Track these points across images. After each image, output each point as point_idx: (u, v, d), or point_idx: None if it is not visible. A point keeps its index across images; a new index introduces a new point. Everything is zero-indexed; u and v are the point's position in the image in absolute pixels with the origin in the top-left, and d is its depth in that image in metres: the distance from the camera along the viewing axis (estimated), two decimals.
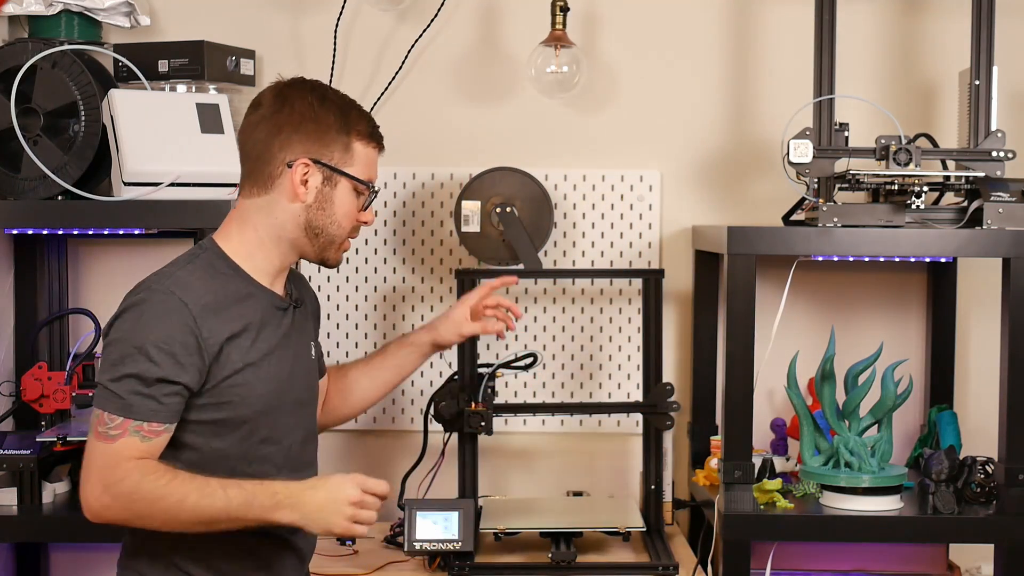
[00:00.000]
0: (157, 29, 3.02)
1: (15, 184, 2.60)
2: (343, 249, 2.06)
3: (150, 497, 1.82)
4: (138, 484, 1.82)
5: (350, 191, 2.01)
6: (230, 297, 1.95)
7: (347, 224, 2.03)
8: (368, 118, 2.05)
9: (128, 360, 1.85)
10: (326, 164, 1.98)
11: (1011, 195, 2.56)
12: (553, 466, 3.09)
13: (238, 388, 1.93)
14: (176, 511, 1.82)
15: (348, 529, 1.87)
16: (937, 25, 3.04)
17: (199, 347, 1.87)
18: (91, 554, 3.04)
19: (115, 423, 1.84)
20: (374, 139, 2.04)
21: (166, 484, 1.82)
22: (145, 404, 1.84)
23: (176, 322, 1.86)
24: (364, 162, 2.02)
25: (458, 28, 3.07)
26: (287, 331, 2.04)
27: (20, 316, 2.95)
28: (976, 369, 3.06)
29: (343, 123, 2.00)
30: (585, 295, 3.08)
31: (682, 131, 3.07)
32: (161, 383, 1.85)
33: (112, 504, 1.83)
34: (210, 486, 1.84)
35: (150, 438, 1.85)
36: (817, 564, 2.77)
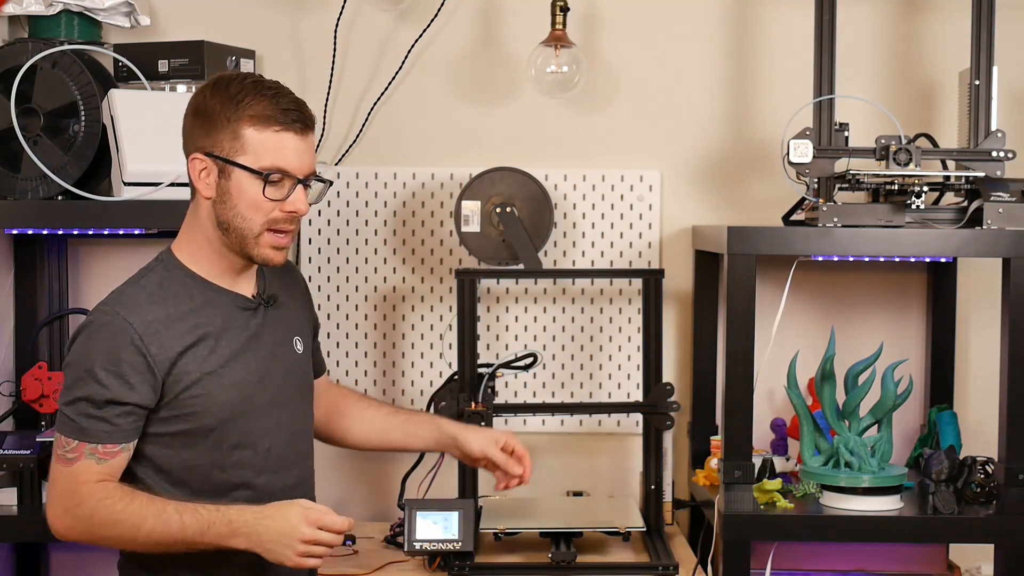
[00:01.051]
0: (157, 29, 3.02)
1: (15, 184, 2.60)
2: (269, 245, 1.92)
3: (107, 521, 1.83)
4: (94, 509, 1.83)
5: (248, 180, 1.88)
6: (182, 308, 1.91)
7: (255, 216, 1.89)
8: (270, 100, 1.89)
9: (79, 383, 1.85)
10: (216, 155, 1.89)
11: (1011, 195, 2.56)
12: (553, 466, 3.09)
13: (198, 399, 1.90)
14: (133, 535, 1.83)
15: (298, 563, 1.85)
16: (937, 25, 3.04)
17: (148, 365, 1.86)
18: (91, 554, 3.04)
19: (71, 446, 1.85)
20: (275, 122, 1.88)
21: (123, 509, 1.83)
22: (98, 427, 1.84)
23: (121, 343, 1.85)
24: (261, 147, 1.87)
25: (458, 28, 3.07)
26: (256, 331, 1.98)
27: (20, 316, 2.95)
28: (976, 369, 3.06)
29: (231, 110, 1.88)
30: (585, 295, 3.08)
31: (682, 131, 3.07)
32: (111, 404, 1.84)
33: (73, 525, 1.86)
34: (167, 512, 1.83)
35: (106, 459, 1.85)
36: (817, 564, 2.77)
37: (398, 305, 3.08)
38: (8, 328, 2.94)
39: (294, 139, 1.90)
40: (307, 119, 1.93)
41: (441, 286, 3.08)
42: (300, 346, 2.08)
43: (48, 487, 1.90)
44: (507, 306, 3.09)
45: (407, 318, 3.09)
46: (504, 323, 3.08)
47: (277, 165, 1.89)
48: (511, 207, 2.85)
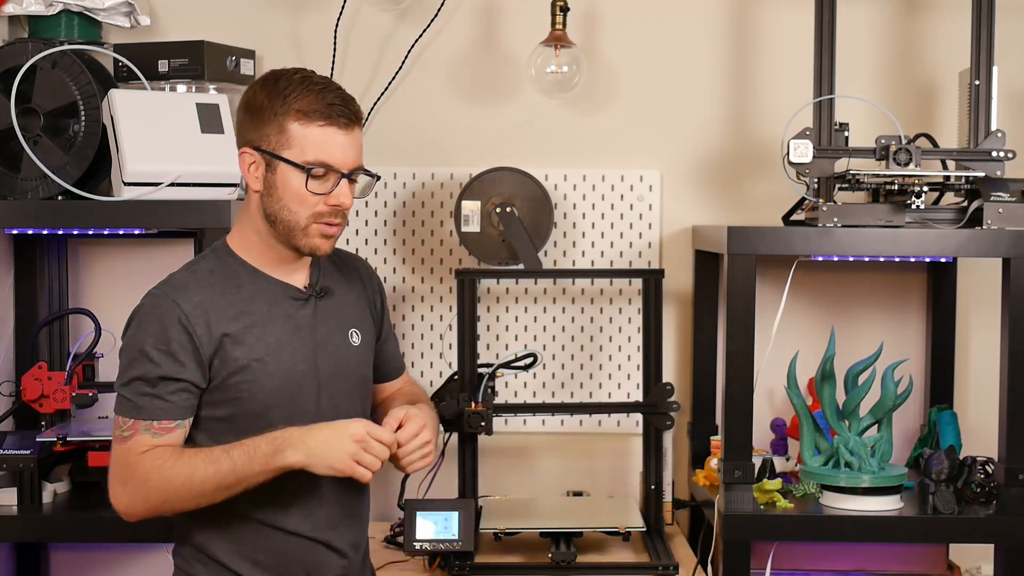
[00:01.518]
0: (157, 29, 3.02)
1: (15, 184, 2.60)
2: (318, 235, 1.96)
3: (161, 481, 1.87)
4: (147, 474, 1.87)
5: (293, 174, 1.93)
6: (231, 295, 1.96)
7: (301, 209, 1.94)
8: (317, 95, 1.94)
9: (133, 364, 1.91)
10: (264, 150, 1.94)
11: (1011, 195, 2.56)
12: (553, 466, 3.09)
13: (245, 384, 1.94)
14: (188, 487, 1.86)
15: (351, 468, 1.86)
16: (937, 25, 3.04)
17: (195, 345, 1.91)
18: (91, 554, 3.05)
19: (127, 425, 1.91)
20: (320, 117, 1.92)
21: (172, 465, 1.86)
22: (153, 404, 1.89)
23: (169, 322, 1.91)
24: (304, 142, 1.92)
25: (458, 28, 3.07)
26: (305, 322, 2.02)
27: (20, 316, 2.94)
28: (976, 369, 3.06)
29: (279, 105, 1.93)
30: (585, 295, 3.08)
31: (682, 131, 3.07)
32: (164, 381, 1.89)
33: (133, 498, 1.89)
34: (214, 454, 1.87)
35: (161, 434, 1.90)
36: (817, 564, 2.77)
37: (398, 305, 3.08)
38: (8, 328, 2.94)
39: (338, 134, 1.94)
40: (352, 114, 1.96)
41: (441, 286, 3.08)
42: (357, 339, 2.10)
43: (108, 471, 1.94)
44: (507, 306, 3.09)
45: (407, 318, 3.09)
46: (504, 323, 3.08)
47: (321, 159, 1.93)
48: (511, 207, 2.85)
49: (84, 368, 2.79)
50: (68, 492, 2.67)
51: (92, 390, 2.77)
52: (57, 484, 2.65)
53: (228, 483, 1.87)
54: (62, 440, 2.58)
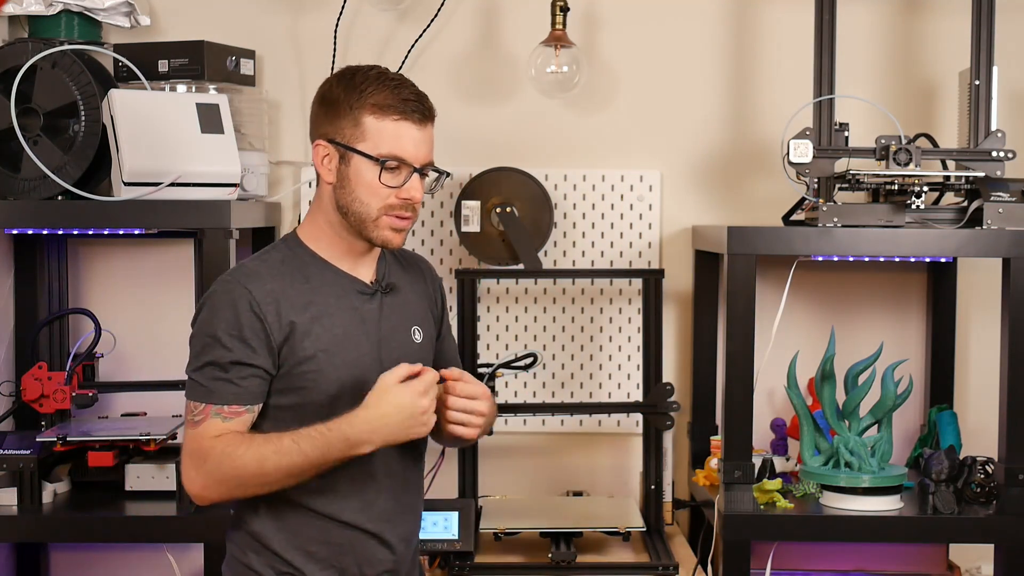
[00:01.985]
0: (157, 29, 3.02)
1: (15, 184, 2.60)
2: (388, 227, 1.99)
3: (233, 467, 1.89)
4: (220, 459, 1.89)
5: (366, 166, 1.97)
6: (300, 285, 1.98)
7: (372, 201, 1.97)
8: (391, 90, 1.96)
9: (206, 350, 1.93)
10: (338, 142, 1.98)
11: (1011, 195, 2.56)
12: (553, 466, 3.09)
13: (311, 374, 1.96)
14: (259, 474, 1.88)
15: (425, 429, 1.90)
16: (937, 25, 3.04)
17: (265, 331, 1.93)
18: (91, 554, 3.05)
19: (199, 409, 1.93)
20: (394, 111, 1.95)
21: (244, 452, 1.88)
22: (224, 388, 1.92)
23: (242, 308, 1.92)
24: (379, 136, 1.95)
25: (458, 28, 3.07)
26: (371, 316, 2.04)
27: (20, 316, 2.94)
28: (976, 369, 3.06)
29: (354, 99, 1.96)
30: (585, 295, 3.08)
31: (682, 131, 3.07)
32: (236, 366, 1.91)
33: (207, 482, 1.91)
34: (283, 444, 1.88)
35: (231, 419, 1.92)
36: (817, 564, 2.77)
37: None
38: (8, 328, 2.94)
39: (412, 128, 1.97)
40: (426, 110, 2.00)
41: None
42: (419, 336, 2.10)
43: (181, 456, 1.95)
44: (507, 306, 3.09)
45: None
46: (504, 323, 3.08)
47: (394, 153, 1.96)
48: (511, 207, 2.85)
49: (84, 368, 2.80)
50: (68, 492, 2.68)
51: (92, 390, 2.77)
52: (57, 484, 2.65)
53: (301, 472, 1.89)
54: (62, 440, 2.58)
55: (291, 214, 3.08)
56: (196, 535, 2.51)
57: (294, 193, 3.08)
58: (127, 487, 2.63)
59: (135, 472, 2.63)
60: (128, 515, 2.55)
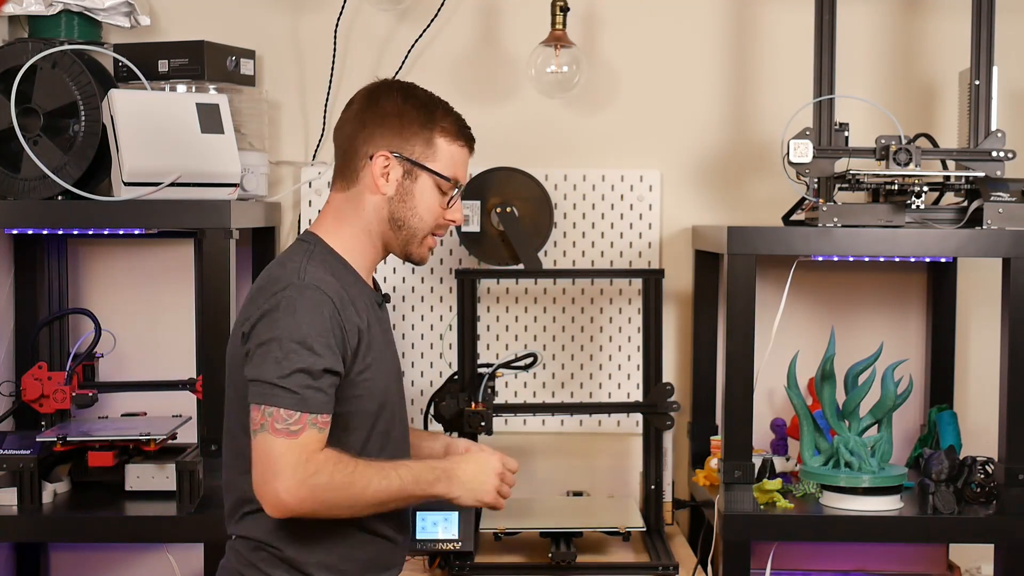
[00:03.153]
0: (157, 29, 3.02)
1: (15, 184, 2.60)
2: (428, 246, 2.08)
3: (340, 486, 1.88)
4: (331, 475, 1.87)
5: (431, 186, 2.04)
6: (350, 291, 1.99)
7: (429, 218, 2.05)
8: (455, 117, 2.08)
9: (293, 356, 1.87)
10: (407, 158, 2.02)
11: (1011, 195, 2.56)
12: (553, 466, 3.09)
13: (366, 382, 1.98)
14: (359, 497, 1.90)
15: (496, 500, 2.00)
16: (937, 25, 3.04)
17: (344, 339, 1.93)
18: (91, 554, 3.05)
19: (294, 418, 1.87)
20: (461, 137, 2.07)
21: (352, 472, 1.89)
22: (316, 397, 1.89)
23: (327, 314, 1.91)
24: (448, 159, 2.05)
25: (458, 28, 3.07)
26: (386, 326, 2.11)
27: (20, 316, 2.94)
28: (976, 369, 3.06)
29: (427, 119, 2.04)
30: (585, 295, 3.08)
31: (682, 131, 3.07)
32: (326, 374, 1.90)
33: (307, 497, 1.86)
34: (384, 469, 1.92)
35: (324, 429, 1.91)
36: (817, 564, 2.77)
37: (398, 305, 3.08)
38: (8, 328, 2.94)
39: (467, 157, 2.10)
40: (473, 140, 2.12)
41: (441, 286, 3.08)
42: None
43: (266, 462, 1.86)
44: (507, 306, 3.09)
45: (407, 318, 3.09)
46: (504, 323, 3.08)
47: (456, 177, 2.07)
48: (511, 207, 2.85)
49: (84, 368, 2.80)
50: (68, 492, 2.67)
51: (92, 390, 2.77)
52: (57, 484, 2.65)
53: (392, 500, 1.93)
54: (62, 440, 2.58)
55: (291, 214, 3.08)
56: (196, 535, 2.50)
57: (294, 193, 3.08)
58: (127, 487, 2.63)
59: (135, 472, 2.63)
60: (128, 515, 2.55)
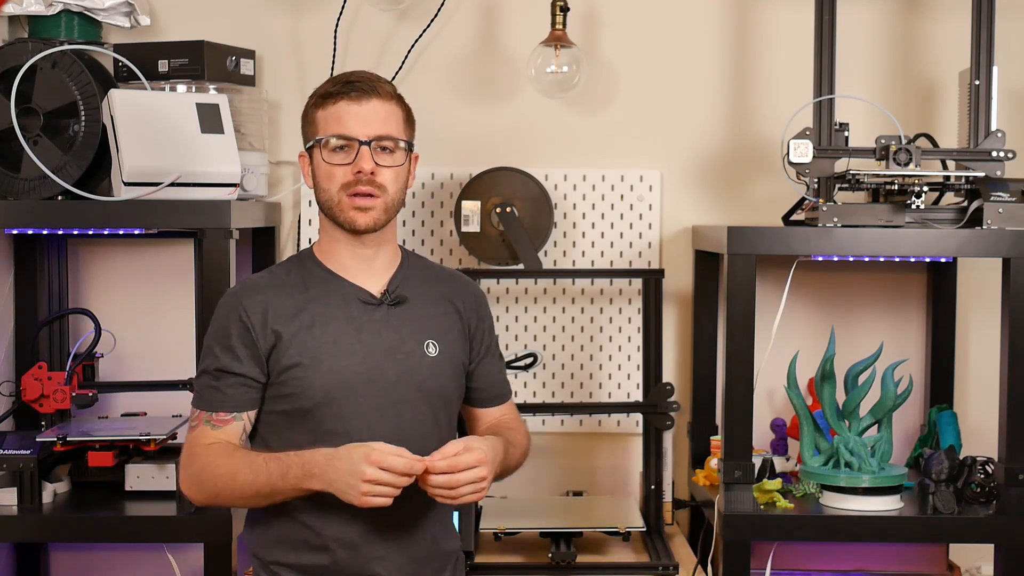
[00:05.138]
0: (157, 29, 3.02)
1: (15, 184, 2.60)
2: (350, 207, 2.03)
3: (212, 475, 1.96)
4: (203, 466, 1.98)
5: (319, 155, 2.05)
6: (299, 295, 2.05)
7: (329, 184, 2.04)
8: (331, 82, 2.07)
9: (202, 359, 2.06)
10: (306, 147, 2.09)
11: (1011, 195, 2.56)
12: (553, 466, 3.09)
13: (295, 381, 2.01)
14: (232, 486, 1.95)
15: (363, 503, 1.88)
16: (937, 25, 3.04)
17: (253, 340, 2.01)
18: (91, 554, 3.05)
19: (194, 415, 2.05)
20: (330, 96, 2.04)
21: (223, 463, 1.96)
22: (212, 396, 2.01)
23: (232, 318, 2.03)
24: (325, 123, 2.04)
25: (458, 28, 3.07)
26: (373, 327, 2.05)
27: (20, 316, 2.94)
28: (976, 369, 3.06)
29: (309, 103, 2.09)
30: (585, 295, 3.08)
31: (682, 131, 3.07)
32: (223, 374, 2.01)
33: (191, 485, 2.01)
34: (256, 462, 1.95)
35: (220, 426, 2.01)
36: (817, 564, 2.77)
37: None
38: (8, 328, 2.94)
39: (349, 105, 2.03)
40: (367, 87, 2.05)
41: None
42: (434, 350, 2.09)
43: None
44: (507, 306, 3.09)
45: None
46: (504, 323, 3.08)
47: (336, 131, 2.03)
48: (511, 207, 2.85)
49: (84, 368, 2.80)
50: (68, 492, 2.67)
51: (92, 390, 2.77)
52: (57, 484, 2.65)
53: (264, 493, 1.95)
54: (62, 440, 2.57)
55: (291, 214, 3.08)
56: (196, 535, 2.50)
57: (294, 193, 3.08)
58: (127, 487, 2.63)
59: (135, 472, 2.63)
60: (128, 515, 2.54)
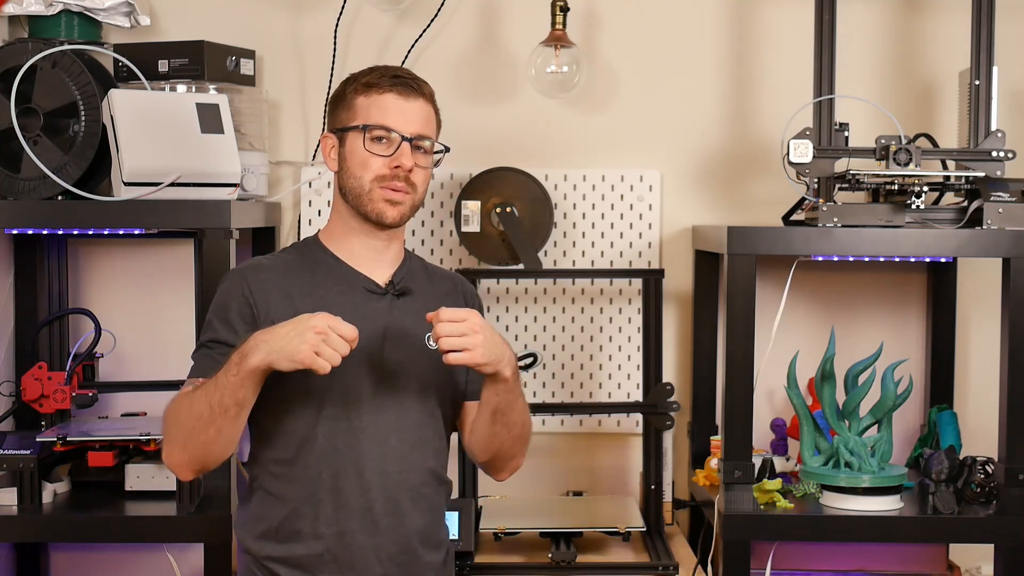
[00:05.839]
0: (157, 29, 3.02)
1: (15, 184, 2.60)
2: (381, 199, 2.04)
3: (174, 421, 1.95)
4: (172, 417, 1.96)
5: (357, 142, 2.05)
6: (303, 279, 2.05)
7: (363, 173, 2.04)
8: (378, 72, 2.08)
9: (201, 334, 2.07)
10: (335, 129, 2.09)
11: (1011, 195, 2.56)
12: (553, 466, 3.09)
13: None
14: (188, 415, 1.92)
15: (311, 359, 1.82)
16: (937, 25, 3.04)
17: (253, 315, 2.02)
18: (91, 554, 3.05)
19: (186, 383, 2.03)
20: (380, 87, 2.06)
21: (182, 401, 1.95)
22: (204, 363, 2.01)
23: (234, 293, 2.04)
24: (367, 111, 2.05)
25: (458, 28, 3.07)
26: (377, 315, 2.05)
27: (20, 316, 2.94)
28: (976, 369, 3.06)
29: (345, 86, 2.10)
30: (585, 295, 3.08)
31: (682, 131, 3.07)
32: (217, 344, 2.02)
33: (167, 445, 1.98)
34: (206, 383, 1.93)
35: None
36: (817, 564, 2.77)
37: None
38: (8, 328, 2.94)
39: (395, 99, 2.06)
40: (415, 84, 2.10)
41: None
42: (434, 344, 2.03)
43: None
44: (507, 306, 3.09)
45: None
46: (504, 323, 3.08)
47: (380, 122, 2.04)
48: (511, 207, 2.85)
49: (84, 368, 2.80)
50: (68, 492, 2.67)
51: (92, 390, 2.78)
52: (57, 484, 2.65)
53: (215, 402, 1.88)
54: (62, 440, 2.58)
55: (291, 214, 3.08)
56: (196, 535, 2.50)
57: (294, 193, 3.08)
58: (127, 487, 2.63)
59: (135, 472, 2.63)
60: (128, 515, 2.54)
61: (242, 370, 1.86)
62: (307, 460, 2.01)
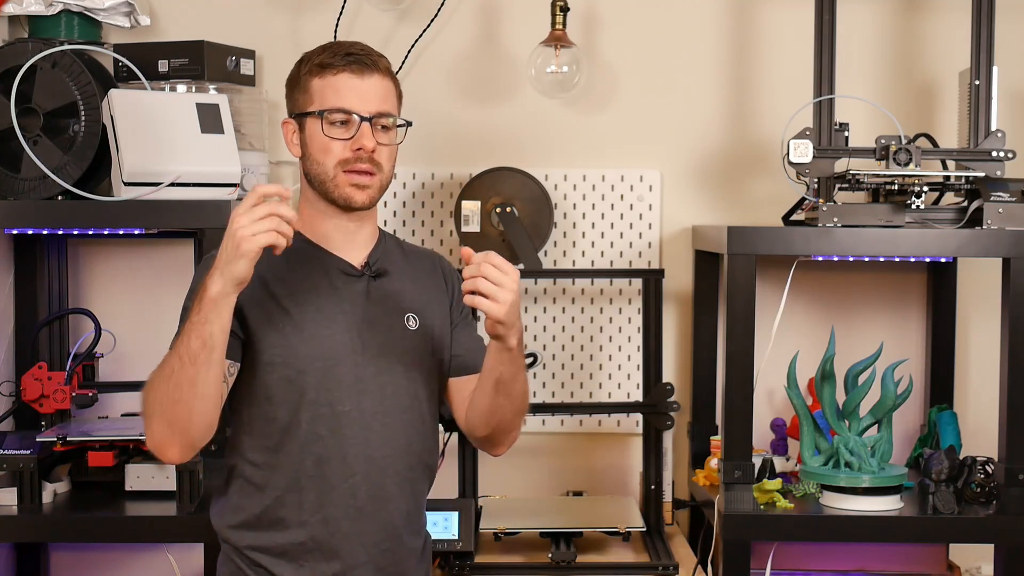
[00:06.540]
0: (157, 29, 3.02)
1: (15, 184, 2.60)
2: (347, 183, 1.99)
3: (148, 386, 1.88)
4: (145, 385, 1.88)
5: (315, 126, 2.00)
6: (280, 262, 1.97)
7: (325, 158, 1.99)
8: (331, 51, 2.01)
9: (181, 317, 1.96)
10: (294, 115, 2.04)
11: (1011, 195, 2.56)
12: (553, 466, 3.09)
13: (278, 348, 1.96)
14: (159, 380, 1.85)
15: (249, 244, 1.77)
16: (937, 25, 3.04)
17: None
18: (91, 554, 3.05)
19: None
20: (330, 66, 1.99)
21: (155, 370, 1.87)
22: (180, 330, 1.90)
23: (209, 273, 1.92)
24: (323, 94, 1.99)
25: (458, 28, 3.07)
26: (355, 298, 2.02)
27: (20, 316, 2.94)
28: (976, 369, 3.06)
29: (300, 69, 2.04)
30: (585, 295, 3.08)
31: (682, 131, 3.07)
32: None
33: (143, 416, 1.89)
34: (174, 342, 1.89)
35: None
36: (817, 564, 2.77)
37: None
38: (8, 328, 2.94)
39: (350, 78, 2.00)
40: (369, 60, 2.02)
41: None
42: (414, 323, 2.07)
43: None
44: None
45: None
46: None
47: (337, 105, 1.99)
48: (511, 207, 2.85)
49: (84, 368, 2.80)
50: (68, 492, 2.67)
51: (92, 390, 2.78)
52: (57, 484, 2.64)
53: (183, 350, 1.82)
54: (62, 440, 2.57)
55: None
56: (196, 535, 2.50)
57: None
58: (127, 487, 2.62)
59: (135, 472, 2.63)
60: (128, 515, 2.54)
61: (204, 304, 1.81)
62: (290, 447, 1.97)
